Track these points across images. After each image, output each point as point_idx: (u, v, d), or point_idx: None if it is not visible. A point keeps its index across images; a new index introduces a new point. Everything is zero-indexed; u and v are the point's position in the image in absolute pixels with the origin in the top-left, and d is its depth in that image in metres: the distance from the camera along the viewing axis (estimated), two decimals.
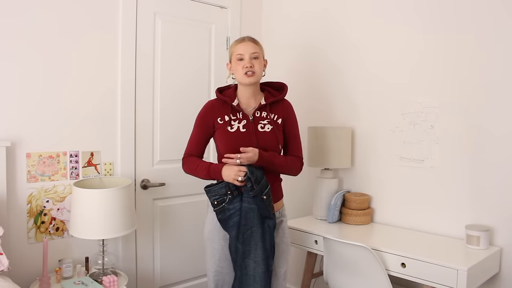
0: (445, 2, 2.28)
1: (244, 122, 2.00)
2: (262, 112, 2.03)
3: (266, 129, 2.01)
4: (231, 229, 1.94)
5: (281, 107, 2.07)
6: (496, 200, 2.12)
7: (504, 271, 2.10)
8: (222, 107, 2.03)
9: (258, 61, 1.99)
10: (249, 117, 2.01)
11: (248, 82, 1.98)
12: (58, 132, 2.34)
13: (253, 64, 1.97)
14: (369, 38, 2.62)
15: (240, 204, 1.92)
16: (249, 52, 1.97)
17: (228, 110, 2.02)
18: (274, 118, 2.04)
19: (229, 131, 1.99)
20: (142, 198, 2.67)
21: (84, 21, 2.40)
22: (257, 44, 2.03)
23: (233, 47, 2.03)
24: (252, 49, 1.98)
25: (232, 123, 2.00)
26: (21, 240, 2.23)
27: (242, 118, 2.01)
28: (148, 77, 2.67)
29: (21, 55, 2.21)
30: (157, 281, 2.76)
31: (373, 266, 2.01)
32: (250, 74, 1.96)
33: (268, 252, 1.91)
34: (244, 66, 1.96)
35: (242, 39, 2.02)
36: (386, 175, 2.56)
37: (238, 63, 1.98)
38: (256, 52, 1.99)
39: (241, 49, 1.98)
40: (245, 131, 1.99)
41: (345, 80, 2.75)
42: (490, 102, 2.14)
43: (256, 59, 1.98)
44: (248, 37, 2.04)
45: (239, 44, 2.00)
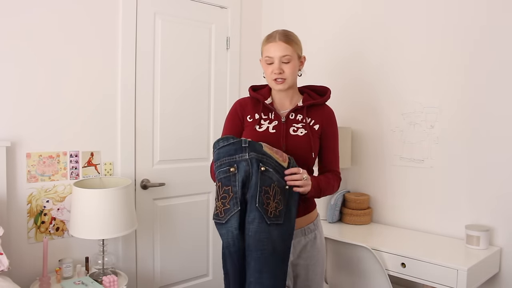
0: (445, 3, 2.28)
1: (275, 123, 1.79)
2: (297, 115, 1.81)
3: (298, 133, 1.78)
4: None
5: (321, 113, 1.84)
6: (496, 200, 2.12)
7: (504, 271, 2.10)
8: (254, 105, 1.84)
9: (290, 65, 1.74)
10: (281, 118, 1.79)
11: (277, 89, 1.78)
12: (58, 132, 2.34)
13: (282, 70, 1.73)
14: (369, 38, 2.61)
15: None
16: (279, 55, 1.72)
17: (260, 109, 1.82)
18: (310, 123, 1.81)
19: (257, 131, 1.78)
20: (142, 198, 2.67)
21: (84, 21, 2.40)
22: (290, 44, 1.74)
23: (264, 45, 1.78)
24: (283, 51, 1.72)
25: (262, 123, 1.80)
26: (21, 240, 2.23)
27: (273, 118, 1.80)
28: (148, 77, 2.67)
29: (21, 55, 2.20)
30: (157, 281, 2.76)
31: (373, 266, 2.01)
32: (280, 81, 1.74)
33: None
34: (273, 71, 1.74)
35: (273, 37, 1.75)
36: (386, 175, 2.56)
37: (267, 66, 1.76)
38: (288, 55, 1.73)
39: (270, 50, 1.74)
40: (274, 132, 1.78)
41: (345, 80, 2.74)
42: (490, 102, 2.14)
43: (287, 63, 1.73)
44: (280, 34, 1.75)
45: (269, 44, 1.75)
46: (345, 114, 2.75)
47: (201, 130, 2.92)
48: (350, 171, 2.73)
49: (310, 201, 1.84)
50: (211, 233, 2.98)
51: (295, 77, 1.81)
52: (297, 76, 1.83)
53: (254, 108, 1.84)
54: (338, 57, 2.79)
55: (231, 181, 1.58)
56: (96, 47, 2.45)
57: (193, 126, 2.87)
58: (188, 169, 2.81)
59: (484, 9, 2.14)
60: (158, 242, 2.74)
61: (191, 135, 2.86)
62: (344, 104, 2.75)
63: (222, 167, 1.59)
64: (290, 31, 1.81)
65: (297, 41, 1.79)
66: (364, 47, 2.64)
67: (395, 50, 2.50)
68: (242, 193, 1.57)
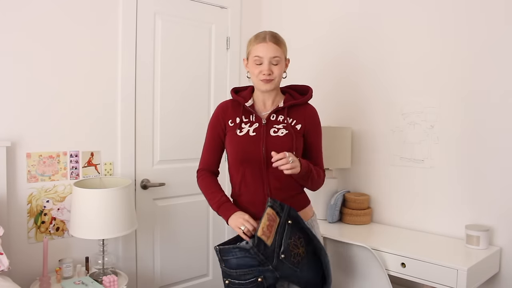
0: (445, 3, 2.28)
1: (256, 126, 1.78)
2: (278, 115, 1.79)
3: (279, 134, 1.76)
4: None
5: (303, 112, 1.81)
6: (496, 200, 2.12)
7: (504, 271, 2.10)
8: (235, 109, 1.83)
9: (279, 67, 1.73)
10: (262, 120, 1.78)
11: (264, 89, 1.76)
12: (58, 132, 2.34)
13: (272, 71, 1.72)
14: (369, 39, 2.62)
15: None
16: (269, 56, 1.71)
17: (240, 112, 1.81)
18: (292, 123, 1.79)
19: (238, 135, 1.78)
20: (142, 198, 2.67)
21: (84, 21, 2.40)
22: (280, 45, 1.74)
23: (252, 45, 1.76)
24: (273, 52, 1.71)
25: (242, 126, 1.79)
26: (21, 240, 2.23)
27: (254, 121, 1.79)
28: (148, 77, 2.67)
29: (21, 55, 2.20)
30: (157, 281, 2.76)
31: (373, 266, 2.01)
32: (268, 81, 1.73)
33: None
34: (262, 72, 1.72)
35: (263, 38, 1.73)
36: (386, 175, 2.56)
37: (255, 66, 1.74)
38: (277, 57, 1.72)
39: (260, 50, 1.72)
40: (254, 135, 1.76)
41: (345, 80, 2.74)
42: (490, 102, 2.14)
43: (276, 65, 1.73)
44: (270, 35, 1.75)
45: (259, 45, 1.73)
46: (345, 114, 2.75)
47: (201, 130, 2.91)
48: (350, 171, 2.73)
49: (302, 197, 1.87)
50: (211, 233, 2.98)
51: (280, 80, 1.80)
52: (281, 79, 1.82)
53: (235, 111, 1.83)
54: (338, 57, 2.79)
55: (259, 287, 1.63)
56: (96, 47, 2.45)
57: (193, 126, 2.87)
58: (188, 169, 2.81)
59: (484, 9, 2.14)
60: (158, 242, 2.74)
61: (191, 135, 2.86)
62: (344, 104, 2.75)
63: (248, 276, 1.62)
64: (277, 33, 1.82)
65: (285, 43, 1.79)
66: (364, 47, 2.64)
67: (395, 50, 2.50)
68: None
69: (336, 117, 2.79)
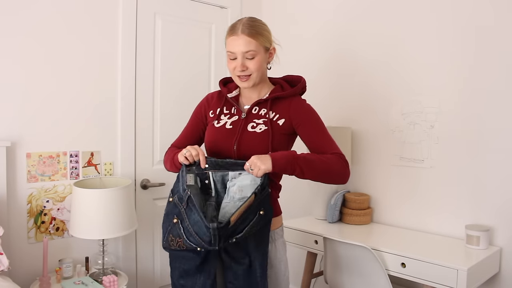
0: (446, 2, 2.28)
1: (235, 119, 1.65)
2: (261, 108, 1.65)
3: (257, 130, 1.61)
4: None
5: (287, 105, 1.64)
6: (496, 200, 2.12)
7: (504, 271, 2.10)
8: (218, 100, 1.73)
9: (255, 61, 1.57)
10: (241, 114, 1.65)
11: (242, 87, 1.64)
12: (58, 132, 2.34)
13: (246, 66, 1.57)
14: (369, 39, 2.62)
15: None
16: (241, 51, 1.55)
17: (222, 103, 1.70)
18: (273, 118, 1.62)
19: (214, 126, 1.66)
20: (142, 198, 2.67)
21: (84, 21, 2.40)
22: (255, 37, 1.55)
23: (226, 38, 1.62)
24: (246, 46, 1.54)
25: (221, 118, 1.67)
26: (21, 240, 2.23)
27: (235, 113, 1.67)
28: (148, 77, 2.67)
29: (22, 55, 2.21)
30: (157, 281, 2.76)
31: (373, 266, 2.01)
32: (244, 79, 1.59)
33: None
34: (236, 68, 1.58)
35: (236, 30, 1.56)
36: (386, 175, 2.56)
37: (230, 61, 1.60)
38: (252, 51, 1.55)
39: (231, 45, 1.57)
40: (231, 128, 1.63)
41: (345, 80, 2.75)
42: (490, 102, 2.14)
43: (251, 59, 1.57)
44: (244, 25, 1.56)
45: (230, 38, 1.58)
46: (345, 114, 2.75)
47: None
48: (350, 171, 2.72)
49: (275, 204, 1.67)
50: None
51: (263, 72, 1.63)
52: (267, 69, 1.67)
53: (218, 102, 1.72)
54: (338, 57, 2.79)
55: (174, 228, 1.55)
56: (96, 47, 2.45)
57: None
58: None
59: (484, 9, 2.14)
60: (158, 242, 2.74)
61: None
62: (344, 104, 2.75)
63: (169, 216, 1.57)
64: (257, 20, 1.63)
65: (263, 33, 1.59)
66: (364, 47, 2.64)
67: (395, 50, 2.50)
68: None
69: (336, 117, 2.79)
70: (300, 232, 2.42)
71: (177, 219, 1.50)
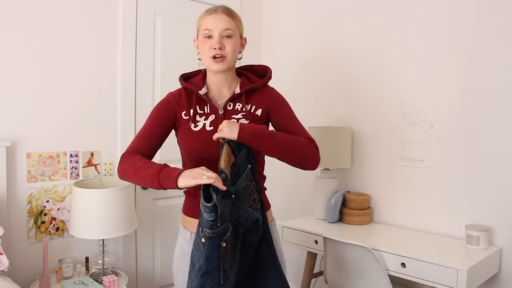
0: (446, 3, 2.28)
1: (212, 118, 1.55)
2: (236, 104, 1.58)
3: None
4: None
5: (260, 95, 1.60)
6: (496, 200, 2.12)
7: (504, 271, 2.10)
8: (187, 99, 1.58)
9: (231, 41, 1.51)
10: (218, 111, 1.56)
11: (215, 70, 1.52)
12: (58, 132, 2.34)
13: (223, 45, 1.50)
14: (370, 39, 2.62)
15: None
16: (220, 28, 1.49)
17: (193, 102, 1.57)
18: (251, 110, 1.57)
19: (193, 130, 1.54)
20: (142, 198, 2.67)
21: (84, 21, 2.40)
22: (233, 18, 1.54)
23: (202, 19, 1.55)
24: (225, 24, 1.50)
25: (197, 119, 1.55)
26: (21, 240, 2.24)
27: (210, 112, 1.56)
28: (148, 77, 2.67)
29: (21, 55, 2.21)
30: (157, 281, 2.76)
31: (373, 266, 2.01)
32: (219, 60, 1.50)
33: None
34: (212, 46, 1.49)
35: (214, 9, 1.53)
36: (386, 175, 2.56)
37: (205, 41, 1.51)
38: (229, 29, 1.51)
39: (210, 22, 1.51)
40: (212, 129, 1.53)
41: (345, 80, 2.75)
42: (490, 102, 2.14)
43: (228, 38, 1.51)
44: (222, 6, 1.55)
45: (209, 17, 1.52)
46: (345, 114, 2.75)
47: None
48: (350, 171, 2.73)
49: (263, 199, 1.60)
50: None
51: (235, 58, 1.56)
52: (237, 60, 1.60)
53: (188, 101, 1.58)
54: (338, 57, 2.79)
55: (238, 238, 1.41)
56: (96, 47, 2.45)
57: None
58: None
59: (484, 8, 2.14)
60: (158, 242, 2.74)
61: None
62: (344, 104, 2.75)
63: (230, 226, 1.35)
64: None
65: (239, 19, 1.58)
66: (364, 47, 2.64)
67: (395, 50, 2.50)
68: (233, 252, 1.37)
69: (336, 117, 2.79)
70: (300, 232, 2.42)
71: (225, 243, 1.31)
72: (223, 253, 1.28)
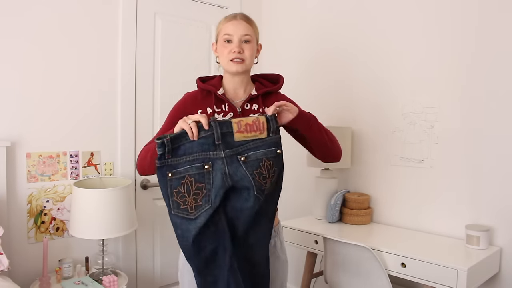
0: (447, 3, 2.28)
1: (231, 115, 1.64)
2: (252, 104, 1.67)
3: None
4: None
5: (276, 99, 1.68)
6: (496, 200, 2.12)
7: (504, 271, 2.10)
8: (205, 98, 1.67)
9: (250, 46, 1.62)
10: (236, 109, 1.65)
11: (234, 71, 1.62)
12: (58, 132, 2.34)
13: (242, 49, 1.61)
14: (370, 39, 2.62)
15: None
16: (240, 33, 1.61)
17: (212, 101, 1.65)
18: None
19: None
20: (142, 198, 2.67)
21: (84, 21, 2.40)
22: (251, 25, 1.65)
23: (222, 25, 1.66)
24: (244, 30, 1.62)
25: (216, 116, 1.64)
26: (21, 240, 2.24)
27: (228, 110, 1.64)
28: (148, 77, 2.67)
29: (21, 55, 2.21)
30: (157, 281, 2.76)
31: (373, 266, 2.01)
32: (238, 62, 1.61)
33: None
34: (232, 50, 1.61)
35: (234, 16, 1.65)
36: (386, 175, 2.56)
37: (225, 45, 1.62)
38: (248, 35, 1.62)
39: (230, 28, 1.62)
40: None
41: (345, 80, 2.75)
42: (490, 102, 2.14)
43: (247, 43, 1.62)
44: (241, 14, 1.66)
45: (229, 23, 1.63)
46: (345, 114, 2.75)
47: None
48: (350, 171, 2.73)
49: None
50: None
51: (252, 62, 1.67)
52: (253, 64, 1.69)
53: (205, 101, 1.66)
54: (338, 57, 2.79)
55: (205, 178, 1.45)
56: (96, 47, 2.45)
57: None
58: None
59: (485, 8, 2.14)
60: (158, 242, 2.74)
61: None
62: (343, 104, 2.75)
63: (196, 163, 1.44)
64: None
65: (256, 26, 1.69)
66: (364, 47, 2.64)
67: (395, 50, 2.50)
68: (215, 190, 1.45)
69: (336, 117, 2.79)
70: (300, 232, 2.42)
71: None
72: (170, 184, 1.43)
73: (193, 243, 1.45)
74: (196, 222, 1.44)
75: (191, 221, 1.44)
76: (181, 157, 1.44)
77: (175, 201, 1.44)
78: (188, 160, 1.44)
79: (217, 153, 1.45)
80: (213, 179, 1.45)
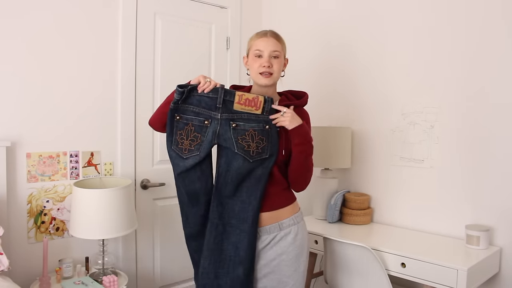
0: (446, 4, 2.28)
1: None
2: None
3: None
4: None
5: (299, 113, 1.82)
6: (496, 200, 2.12)
7: (504, 271, 2.10)
8: None
9: (278, 61, 1.79)
10: None
11: (263, 84, 1.78)
12: (58, 132, 2.34)
13: (271, 64, 1.77)
14: (370, 39, 2.62)
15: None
16: (270, 49, 1.77)
17: None
18: None
19: None
20: (142, 198, 2.67)
21: (84, 21, 2.40)
22: (280, 41, 1.82)
23: (253, 41, 1.82)
24: (274, 46, 1.78)
25: None
26: (21, 240, 2.23)
27: None
28: (148, 77, 2.67)
29: (21, 55, 2.21)
30: (157, 281, 2.76)
31: (373, 266, 2.01)
32: (267, 75, 1.77)
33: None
34: (261, 64, 1.76)
35: (264, 33, 1.81)
36: (386, 175, 2.56)
37: (255, 60, 1.78)
38: (277, 51, 1.78)
39: (261, 44, 1.78)
40: None
41: (345, 80, 2.75)
42: (490, 102, 2.14)
43: (276, 59, 1.78)
44: (271, 31, 1.83)
45: (260, 39, 1.79)
46: (345, 114, 2.75)
47: None
48: (350, 171, 2.73)
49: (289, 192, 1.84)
50: None
51: (279, 76, 1.84)
52: (280, 77, 1.85)
53: None
54: (338, 57, 2.79)
55: (202, 131, 1.73)
56: (96, 47, 2.45)
57: None
58: None
59: (485, 8, 2.14)
60: (158, 242, 2.74)
61: None
62: (343, 104, 2.75)
63: (200, 116, 1.73)
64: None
65: (284, 42, 1.86)
66: (364, 47, 2.64)
67: (395, 50, 2.50)
68: (205, 143, 1.73)
69: (336, 117, 2.79)
70: None
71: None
72: (176, 124, 1.74)
73: (178, 175, 1.77)
74: (185, 161, 1.74)
75: (182, 159, 1.75)
76: (189, 105, 1.74)
77: (176, 139, 1.75)
78: (194, 111, 1.73)
79: (216, 114, 1.73)
80: (207, 134, 1.74)
